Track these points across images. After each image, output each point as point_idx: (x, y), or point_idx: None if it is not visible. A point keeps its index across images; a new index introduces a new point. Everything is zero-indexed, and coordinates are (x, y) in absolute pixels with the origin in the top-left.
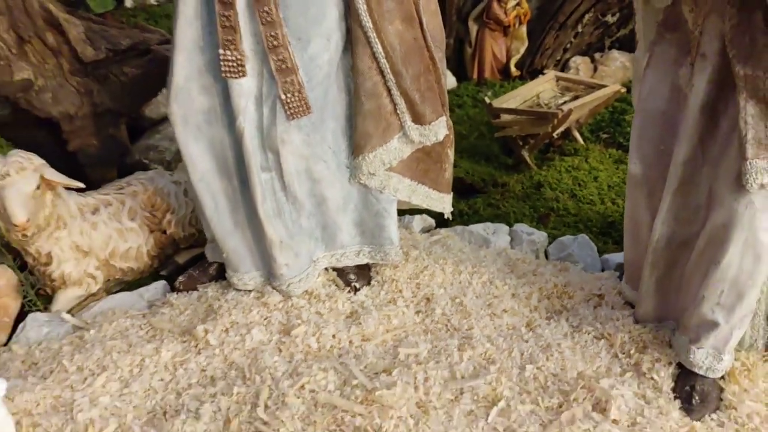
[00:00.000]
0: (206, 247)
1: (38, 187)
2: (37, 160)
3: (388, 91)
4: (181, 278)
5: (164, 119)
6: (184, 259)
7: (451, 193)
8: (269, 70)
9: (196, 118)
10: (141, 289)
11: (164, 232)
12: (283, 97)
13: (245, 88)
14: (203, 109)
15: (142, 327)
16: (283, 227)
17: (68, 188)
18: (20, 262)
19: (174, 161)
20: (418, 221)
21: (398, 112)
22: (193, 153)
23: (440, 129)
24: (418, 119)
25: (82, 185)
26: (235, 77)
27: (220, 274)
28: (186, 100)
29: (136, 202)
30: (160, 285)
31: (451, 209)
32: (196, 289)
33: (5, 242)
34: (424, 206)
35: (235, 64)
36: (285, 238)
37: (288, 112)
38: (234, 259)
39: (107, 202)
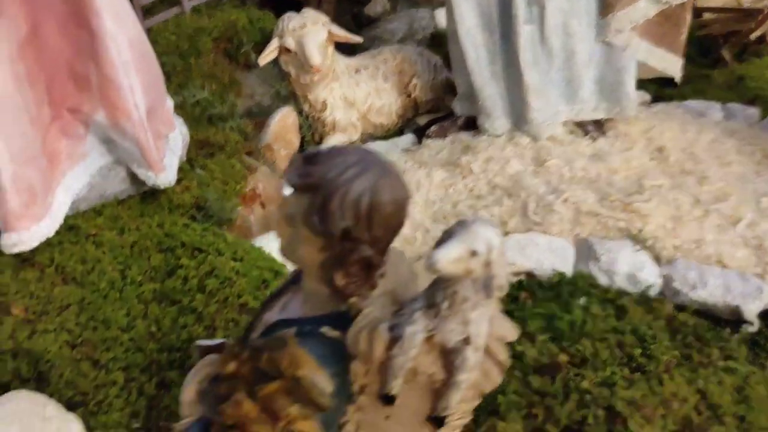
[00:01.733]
0: (454, 103)
1: (326, 39)
2: (325, 17)
3: None
4: (433, 128)
5: (379, 18)
6: (424, 122)
7: (683, 59)
8: None
9: None
10: (394, 139)
11: (409, 95)
12: None
13: None
14: None
15: (407, 161)
16: (538, 76)
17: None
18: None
19: None
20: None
21: None
22: (463, 10)
23: None
24: None
25: (360, 40)
26: None
27: (467, 126)
28: None
29: (388, 67)
30: (410, 136)
31: (681, 74)
32: (446, 136)
33: (290, 91)
34: (659, 68)
35: None
36: (539, 85)
37: None
38: (489, 104)
39: (365, 66)
